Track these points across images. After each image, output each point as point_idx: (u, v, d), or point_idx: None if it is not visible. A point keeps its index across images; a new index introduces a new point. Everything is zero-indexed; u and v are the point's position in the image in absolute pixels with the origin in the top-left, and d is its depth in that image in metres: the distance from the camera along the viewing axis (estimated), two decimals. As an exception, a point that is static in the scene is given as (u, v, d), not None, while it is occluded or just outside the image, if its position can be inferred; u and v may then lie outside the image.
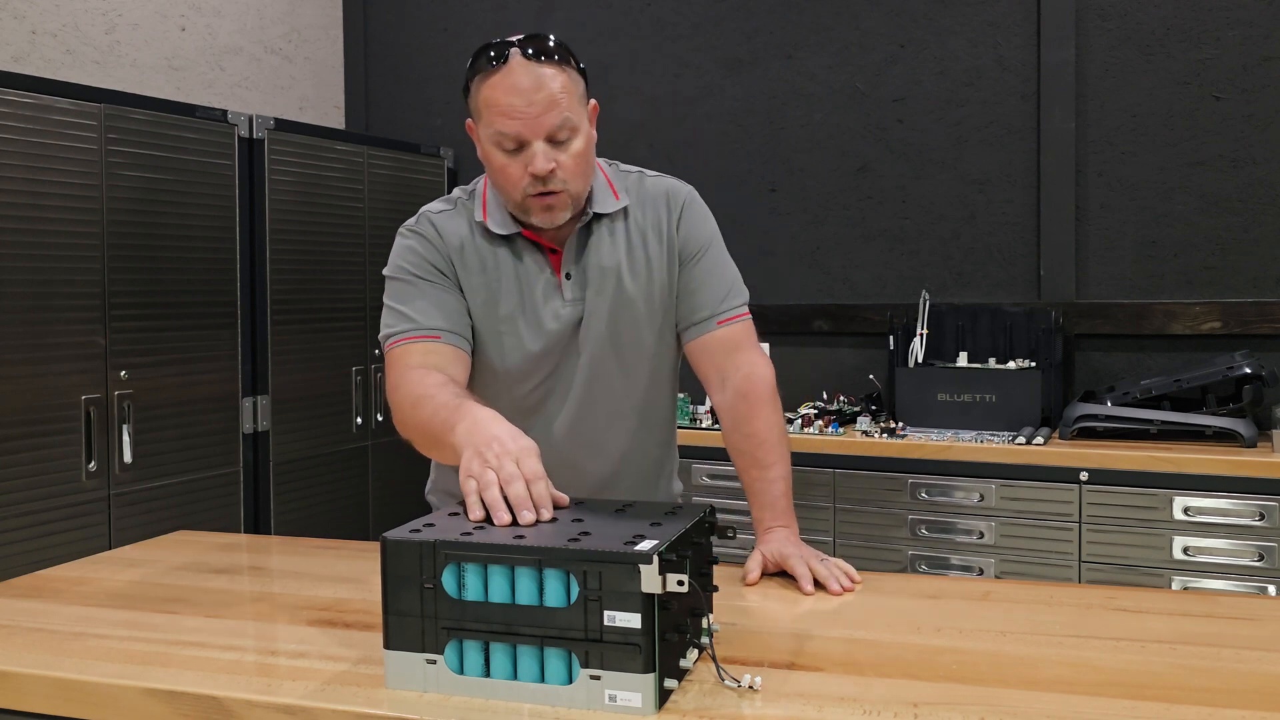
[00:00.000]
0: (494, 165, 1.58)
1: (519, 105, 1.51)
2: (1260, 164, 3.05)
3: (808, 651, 1.26)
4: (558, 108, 1.53)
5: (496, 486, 1.26)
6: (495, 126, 1.53)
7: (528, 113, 1.51)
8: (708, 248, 1.75)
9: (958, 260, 3.37)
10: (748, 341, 1.75)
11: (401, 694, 1.14)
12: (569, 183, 1.57)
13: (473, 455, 1.31)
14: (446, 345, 1.61)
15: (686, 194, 1.76)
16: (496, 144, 1.55)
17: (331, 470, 3.28)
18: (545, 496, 1.27)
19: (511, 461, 1.29)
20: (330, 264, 3.27)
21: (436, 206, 1.72)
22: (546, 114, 1.52)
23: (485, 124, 1.56)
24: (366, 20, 4.11)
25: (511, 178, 1.56)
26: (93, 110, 2.58)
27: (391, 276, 1.69)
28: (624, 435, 1.76)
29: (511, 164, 1.55)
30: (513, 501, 1.24)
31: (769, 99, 3.56)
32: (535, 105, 1.51)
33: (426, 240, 1.67)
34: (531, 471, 1.28)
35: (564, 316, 1.67)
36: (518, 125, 1.52)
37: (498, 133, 1.54)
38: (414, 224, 1.71)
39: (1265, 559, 2.57)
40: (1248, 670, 1.18)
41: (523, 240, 1.67)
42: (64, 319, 2.53)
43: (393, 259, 1.70)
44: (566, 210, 1.60)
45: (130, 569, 1.68)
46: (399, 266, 1.68)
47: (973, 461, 2.81)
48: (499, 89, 1.52)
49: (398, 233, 1.72)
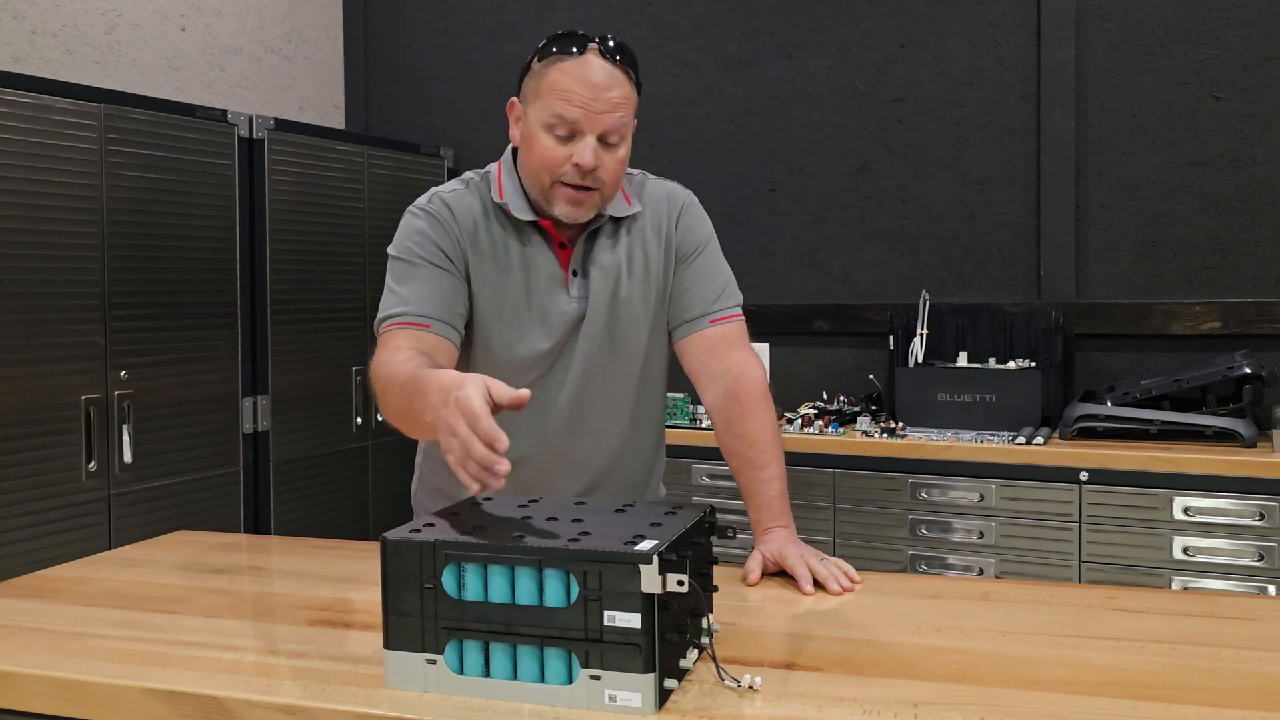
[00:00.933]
0: (536, 146, 1.59)
1: (587, 96, 1.55)
2: (1260, 164, 3.05)
3: (807, 651, 1.26)
4: (619, 110, 1.57)
5: (456, 452, 1.19)
6: (555, 110, 1.55)
7: (593, 106, 1.55)
8: (703, 248, 1.77)
9: (958, 260, 3.37)
10: (740, 341, 1.75)
11: (401, 694, 1.14)
12: (605, 185, 1.61)
13: (440, 426, 1.24)
14: (433, 335, 1.59)
15: (686, 197, 1.80)
16: (549, 127, 1.57)
17: (331, 470, 3.28)
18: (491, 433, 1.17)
19: (462, 423, 1.20)
20: (330, 264, 3.27)
21: (449, 186, 1.71)
22: (609, 113, 1.56)
23: (543, 105, 1.57)
24: (366, 20, 4.11)
25: (552, 161, 1.57)
26: (93, 110, 2.58)
27: (395, 256, 1.66)
28: (617, 434, 1.76)
29: (557, 149, 1.57)
30: (479, 466, 1.18)
31: (769, 99, 3.56)
32: (601, 102, 1.55)
33: (438, 221, 1.65)
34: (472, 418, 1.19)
35: (568, 312, 1.68)
36: (579, 114, 1.55)
37: (556, 115, 1.55)
38: (425, 203, 1.68)
39: (1265, 559, 2.57)
40: (1248, 670, 1.18)
41: (537, 230, 1.68)
42: (64, 319, 2.53)
43: (399, 237, 1.67)
44: (591, 210, 1.63)
45: (130, 569, 1.68)
46: (405, 246, 1.65)
47: (973, 461, 2.81)
48: (571, 75, 1.55)
49: (407, 211, 1.70)
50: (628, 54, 1.60)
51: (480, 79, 3.94)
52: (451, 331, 1.62)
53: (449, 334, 1.62)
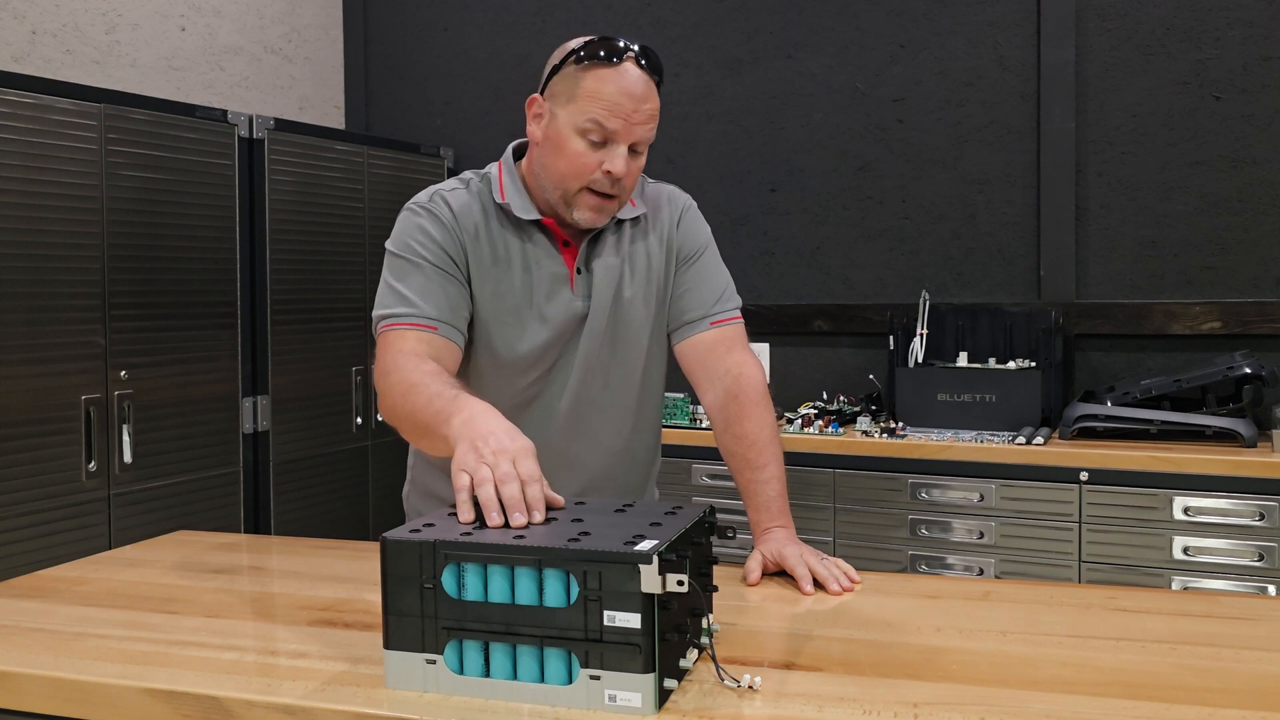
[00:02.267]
0: (568, 150, 1.58)
1: (627, 107, 1.55)
2: (1260, 164, 3.05)
3: (807, 651, 1.26)
4: (652, 122, 1.59)
5: (491, 485, 1.23)
6: (592, 115, 1.55)
7: (632, 117, 1.56)
8: (703, 251, 1.79)
9: (958, 260, 3.37)
10: (739, 343, 1.75)
11: (401, 694, 1.14)
12: (625, 192, 1.62)
13: (468, 449, 1.29)
14: (441, 339, 1.59)
15: (686, 200, 1.82)
16: (582, 132, 1.57)
17: (331, 470, 3.28)
18: (539, 499, 1.24)
19: (508, 460, 1.26)
20: (330, 264, 3.27)
21: (449, 185, 1.70)
22: (644, 124, 1.58)
23: (578, 110, 1.56)
24: (366, 20, 4.11)
25: (584, 167, 1.58)
26: (93, 110, 2.58)
27: (395, 253, 1.64)
28: (617, 434, 1.77)
29: (588, 155, 1.57)
30: (506, 503, 1.22)
31: (769, 99, 3.56)
32: (640, 113, 1.57)
33: (439, 221, 1.64)
34: (527, 473, 1.25)
35: (570, 311, 1.68)
36: (619, 124, 1.55)
37: (593, 121, 1.55)
38: (426, 201, 1.67)
39: (1265, 559, 2.57)
40: (1248, 670, 1.18)
41: (540, 229, 1.67)
42: (64, 319, 2.53)
43: (399, 234, 1.66)
44: (609, 216, 1.64)
45: (130, 569, 1.68)
46: (406, 244, 1.64)
47: (973, 461, 2.81)
48: (610, 83, 1.55)
49: (405, 207, 1.68)
50: (660, 65, 1.61)
51: (480, 79, 3.94)
52: (457, 335, 1.62)
53: (455, 337, 1.62)
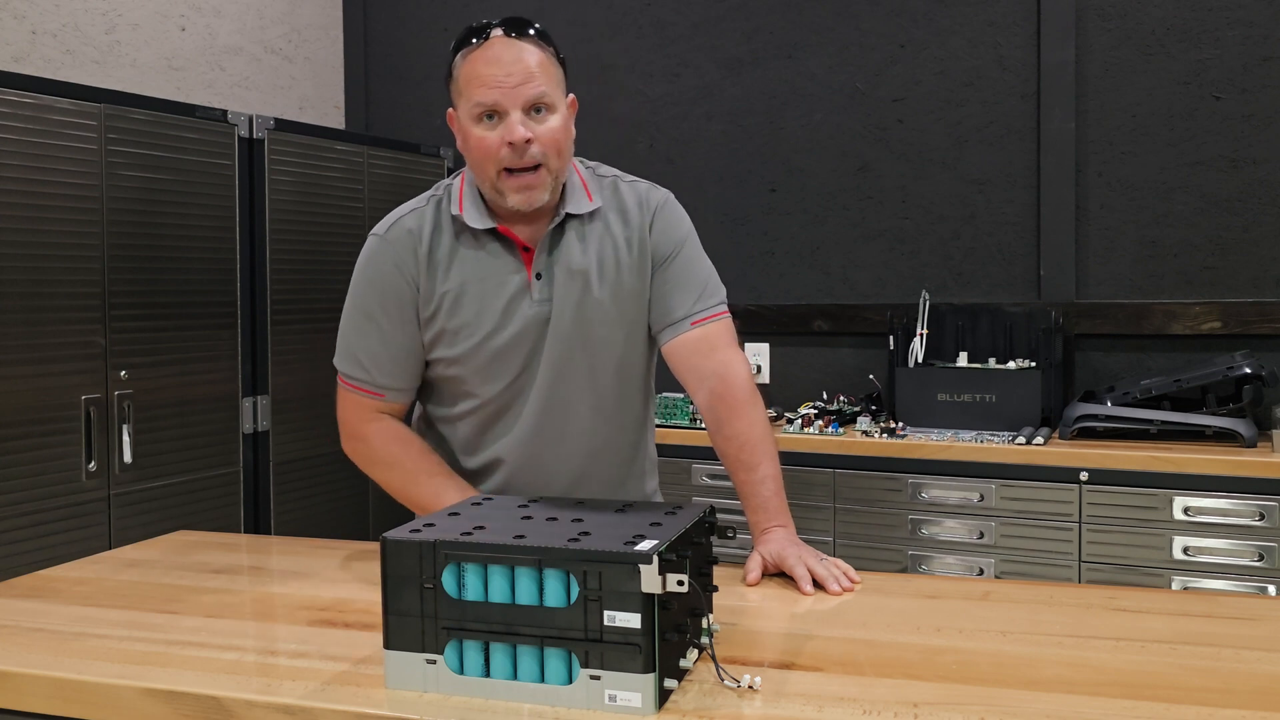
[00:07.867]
0: (472, 142, 1.60)
1: (498, 75, 1.55)
2: (1260, 164, 3.05)
3: (807, 651, 1.26)
4: (534, 80, 1.57)
5: None
6: (474, 98, 1.57)
7: (505, 82, 1.55)
8: (680, 250, 1.74)
9: (958, 260, 3.37)
10: (722, 341, 1.72)
11: (401, 694, 1.14)
12: (547, 158, 1.59)
13: None
14: (388, 403, 1.76)
15: (660, 199, 1.76)
16: (475, 118, 1.58)
17: (331, 470, 3.28)
18: None
19: None
20: (330, 264, 3.27)
21: (411, 206, 1.73)
22: (524, 85, 1.56)
23: (465, 99, 1.59)
24: (366, 20, 4.11)
25: (489, 149, 1.58)
26: (93, 110, 2.58)
27: (354, 299, 1.74)
28: (591, 435, 1.74)
29: (489, 136, 1.58)
30: None
31: (769, 99, 3.56)
32: (513, 76, 1.56)
33: (393, 261, 1.69)
34: None
35: (531, 316, 1.67)
36: (495, 94, 1.55)
37: (476, 104, 1.57)
38: (385, 231, 1.72)
39: (1265, 559, 2.57)
40: (1248, 670, 1.18)
41: (496, 237, 1.67)
42: (64, 319, 2.53)
43: (361, 267, 1.73)
44: (544, 191, 1.61)
45: (130, 569, 1.68)
46: (362, 286, 1.73)
47: (973, 461, 2.81)
48: (478, 61, 1.57)
49: (371, 232, 1.74)
50: (534, 27, 1.60)
51: (480, 79, 3.94)
52: (405, 395, 1.77)
53: (402, 398, 1.77)
